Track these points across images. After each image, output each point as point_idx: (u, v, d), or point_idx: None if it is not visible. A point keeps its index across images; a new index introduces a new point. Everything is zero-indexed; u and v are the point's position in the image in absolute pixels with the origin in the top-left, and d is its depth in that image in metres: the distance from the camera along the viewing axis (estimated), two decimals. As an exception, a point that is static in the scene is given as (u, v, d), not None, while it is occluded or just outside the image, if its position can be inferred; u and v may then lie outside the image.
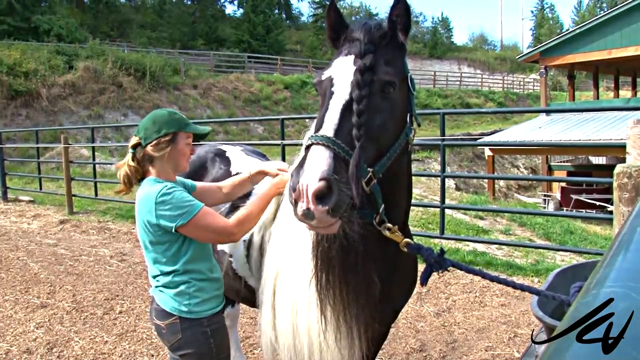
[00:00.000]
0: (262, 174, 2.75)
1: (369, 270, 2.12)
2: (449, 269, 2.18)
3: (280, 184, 2.54)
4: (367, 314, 2.18)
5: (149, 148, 2.46)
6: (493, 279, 2.22)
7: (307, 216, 1.68)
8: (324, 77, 1.98)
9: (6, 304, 6.01)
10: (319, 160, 1.69)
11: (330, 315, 2.12)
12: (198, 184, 2.84)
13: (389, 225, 2.01)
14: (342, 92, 1.88)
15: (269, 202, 2.54)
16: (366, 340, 2.20)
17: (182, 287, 2.46)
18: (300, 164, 1.73)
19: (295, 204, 1.69)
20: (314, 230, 1.89)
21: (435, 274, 2.20)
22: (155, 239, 2.42)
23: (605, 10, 44.39)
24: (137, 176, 2.52)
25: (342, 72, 1.93)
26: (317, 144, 1.73)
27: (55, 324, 5.39)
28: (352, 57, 1.95)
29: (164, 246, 2.43)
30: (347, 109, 1.83)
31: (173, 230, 2.35)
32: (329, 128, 1.78)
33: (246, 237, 2.71)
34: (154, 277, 2.54)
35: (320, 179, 1.65)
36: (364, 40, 1.97)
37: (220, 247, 2.88)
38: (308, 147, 1.76)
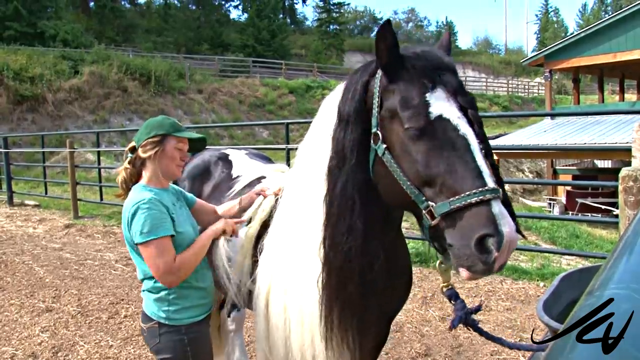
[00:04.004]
0: (250, 199, 2.75)
1: (379, 303, 2.20)
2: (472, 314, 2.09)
3: (217, 231, 2.54)
4: (370, 341, 2.27)
5: (139, 150, 2.50)
6: (512, 347, 2.15)
7: (500, 268, 1.68)
8: (434, 116, 1.81)
9: (11, 308, 6.03)
10: (507, 215, 1.67)
11: (336, 344, 2.14)
12: (199, 200, 2.85)
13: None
14: (471, 136, 1.78)
15: (205, 246, 2.51)
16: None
17: (162, 293, 2.47)
18: (489, 218, 1.65)
19: (492, 259, 1.64)
20: (475, 279, 1.79)
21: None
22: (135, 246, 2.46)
23: (610, 13, 44.31)
24: (133, 179, 2.56)
25: (455, 111, 1.82)
26: (496, 198, 1.68)
27: (60, 328, 5.40)
28: (453, 92, 1.85)
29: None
30: (480, 152, 1.78)
31: (133, 244, 2.39)
32: (489, 179, 1.72)
33: (244, 242, 2.72)
34: (141, 280, 2.57)
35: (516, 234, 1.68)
36: (452, 70, 1.91)
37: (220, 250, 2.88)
38: (486, 201, 1.67)
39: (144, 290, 2.56)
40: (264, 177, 3.03)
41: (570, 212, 18.26)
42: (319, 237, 2.09)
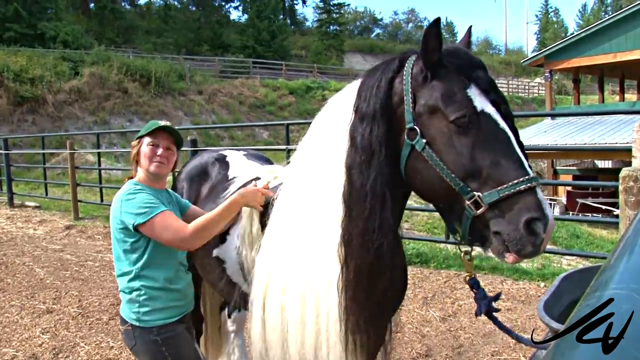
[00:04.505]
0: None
1: (395, 304, 2.33)
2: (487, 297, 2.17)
3: (246, 194, 2.48)
4: (381, 343, 2.34)
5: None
6: (524, 342, 2.20)
7: (543, 250, 1.80)
8: (477, 111, 1.88)
9: (12, 309, 6.03)
10: (546, 201, 1.80)
11: (354, 347, 2.14)
12: (192, 206, 2.88)
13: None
14: (508, 129, 1.88)
15: (234, 212, 2.49)
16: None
17: (133, 294, 2.50)
18: (536, 203, 1.77)
19: (540, 241, 1.76)
20: (518, 262, 1.89)
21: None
22: (119, 236, 2.49)
23: (610, 13, 44.30)
24: None
25: (492, 107, 1.90)
26: (538, 185, 1.81)
27: (61, 330, 5.40)
28: (486, 88, 1.92)
29: (124, 245, 2.49)
30: (517, 144, 1.88)
31: (132, 228, 2.41)
32: (529, 169, 1.84)
33: (238, 243, 2.70)
34: (117, 276, 2.60)
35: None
36: (484, 67, 1.98)
37: (214, 253, 2.87)
38: (532, 188, 1.78)
39: (120, 291, 2.59)
40: (259, 178, 3.02)
41: (571, 213, 18.26)
42: (336, 235, 2.07)
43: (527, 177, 1.78)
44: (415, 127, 1.94)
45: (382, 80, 2.03)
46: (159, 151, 2.56)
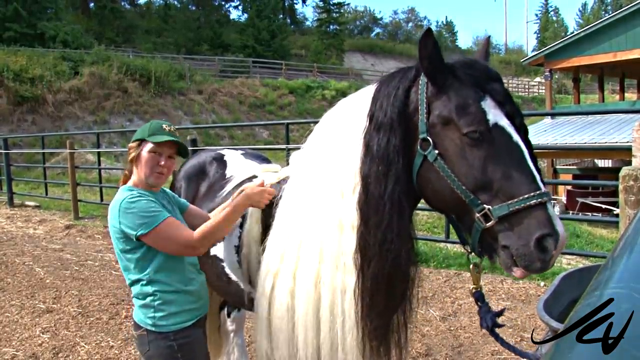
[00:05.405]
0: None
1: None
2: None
3: (251, 195, 2.41)
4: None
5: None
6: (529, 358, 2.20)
7: (552, 265, 1.81)
8: (491, 124, 1.87)
9: (12, 308, 6.03)
10: (558, 217, 1.82)
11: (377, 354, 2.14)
12: (191, 206, 2.82)
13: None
14: (522, 143, 1.88)
15: (239, 214, 2.44)
16: None
17: (147, 300, 2.43)
18: (547, 219, 1.77)
19: (549, 257, 1.77)
20: (526, 276, 1.90)
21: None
22: (121, 246, 2.41)
23: (610, 13, 44.28)
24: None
25: (507, 120, 1.90)
26: (549, 201, 1.81)
27: (61, 329, 5.40)
28: (502, 101, 1.91)
29: (130, 254, 2.40)
30: (530, 158, 1.88)
31: (134, 239, 2.33)
32: (541, 183, 1.84)
33: (236, 242, 2.68)
34: (129, 284, 2.52)
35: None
36: (500, 79, 1.98)
37: (212, 252, 2.86)
38: (543, 204, 1.79)
39: (133, 297, 2.52)
40: (255, 177, 3.01)
41: (571, 212, 18.26)
42: (349, 241, 2.06)
43: (538, 192, 1.78)
44: (428, 137, 1.94)
45: (400, 88, 2.02)
46: (162, 161, 2.46)
